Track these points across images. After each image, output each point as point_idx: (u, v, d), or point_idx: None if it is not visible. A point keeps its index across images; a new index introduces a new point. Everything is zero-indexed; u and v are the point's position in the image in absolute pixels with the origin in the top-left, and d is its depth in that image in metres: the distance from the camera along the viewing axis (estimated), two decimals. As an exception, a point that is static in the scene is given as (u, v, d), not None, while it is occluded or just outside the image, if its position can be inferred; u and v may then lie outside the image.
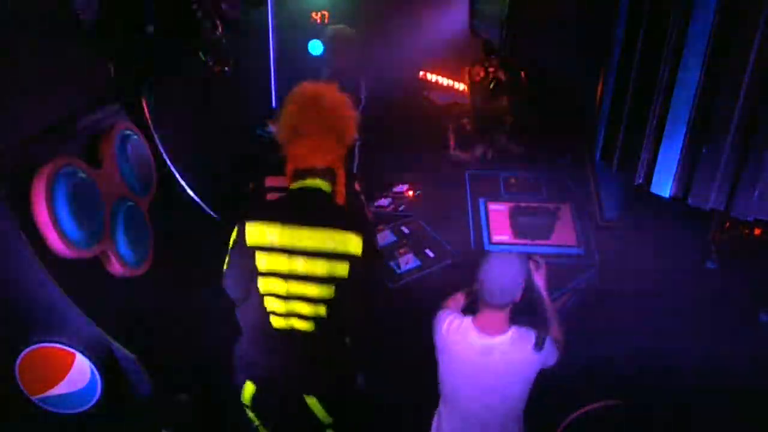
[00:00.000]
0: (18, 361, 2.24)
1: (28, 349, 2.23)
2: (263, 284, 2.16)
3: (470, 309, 2.44)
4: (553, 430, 2.61)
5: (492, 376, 2.31)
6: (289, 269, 2.13)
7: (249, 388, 2.27)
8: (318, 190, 2.21)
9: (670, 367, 2.50)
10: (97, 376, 2.31)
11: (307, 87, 2.34)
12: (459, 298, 2.61)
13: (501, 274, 2.22)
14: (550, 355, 2.29)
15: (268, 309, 2.17)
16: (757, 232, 2.34)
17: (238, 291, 2.27)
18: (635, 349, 2.53)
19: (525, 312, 2.34)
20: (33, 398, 2.31)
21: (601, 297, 3.14)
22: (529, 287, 2.32)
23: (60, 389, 2.31)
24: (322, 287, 2.13)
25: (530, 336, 2.25)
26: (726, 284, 2.37)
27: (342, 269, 2.11)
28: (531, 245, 3.41)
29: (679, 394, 2.41)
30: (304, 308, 2.15)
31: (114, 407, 2.46)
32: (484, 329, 2.29)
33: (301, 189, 2.22)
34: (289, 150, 2.26)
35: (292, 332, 2.18)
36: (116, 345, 2.39)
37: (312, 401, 2.24)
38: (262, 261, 2.14)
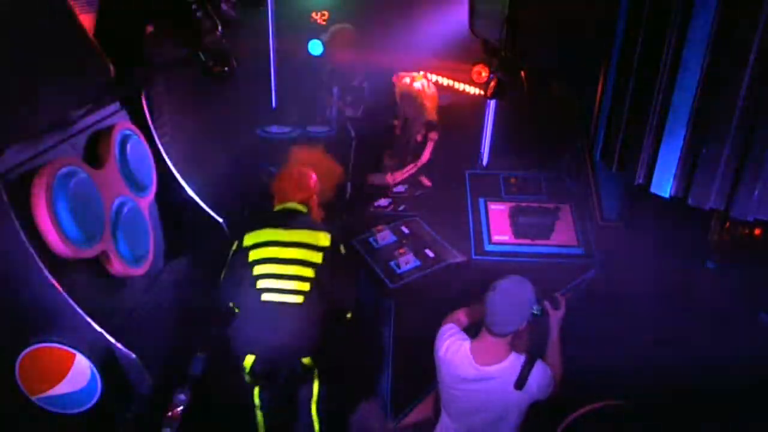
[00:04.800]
0: (18, 361, 2.24)
1: (28, 349, 2.23)
2: (258, 269, 2.77)
3: (473, 328, 2.44)
4: (553, 430, 2.61)
5: (486, 401, 2.33)
6: (279, 255, 2.77)
7: (249, 359, 2.78)
8: (296, 210, 2.94)
9: (670, 367, 2.50)
10: (97, 376, 2.31)
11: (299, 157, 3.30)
12: (462, 317, 2.60)
13: (509, 304, 2.22)
14: (542, 391, 2.31)
15: (260, 287, 2.74)
16: (757, 232, 2.34)
17: (232, 294, 2.84)
18: (635, 348, 2.53)
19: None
20: (33, 398, 2.31)
21: (600, 296, 3.14)
22: (535, 320, 2.31)
23: (60, 389, 2.31)
24: (305, 269, 2.76)
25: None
26: (726, 284, 2.37)
27: (317, 257, 2.78)
28: (531, 245, 3.41)
29: (679, 393, 2.41)
30: (293, 285, 2.73)
31: (114, 407, 2.46)
32: (482, 357, 2.29)
33: (282, 209, 2.96)
34: (275, 187, 3.04)
35: (283, 305, 2.73)
36: (116, 345, 2.39)
37: (307, 360, 2.81)
38: (257, 253, 2.78)
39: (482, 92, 5.17)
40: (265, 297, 2.73)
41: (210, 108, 4.58)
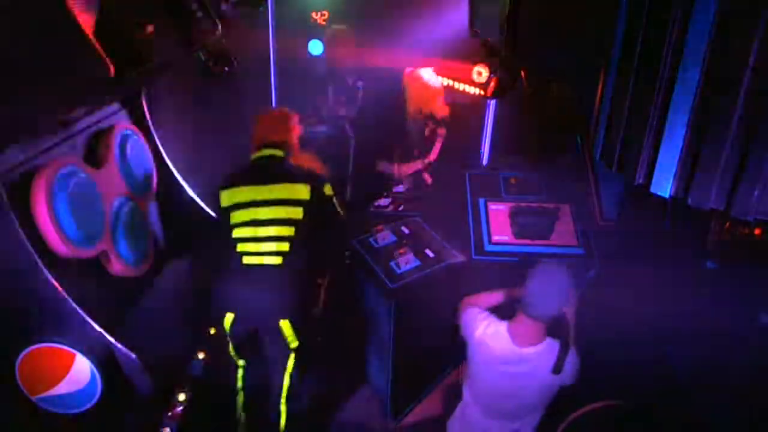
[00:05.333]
0: (18, 361, 2.24)
1: (28, 349, 2.23)
2: (237, 232, 2.74)
3: (505, 311, 2.45)
4: (553, 430, 2.61)
5: (517, 384, 2.35)
6: (257, 217, 2.72)
7: (229, 318, 2.76)
8: (272, 156, 2.84)
9: (670, 367, 2.50)
10: (97, 376, 2.31)
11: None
12: (496, 297, 2.60)
13: (547, 290, 2.24)
14: (572, 376, 2.35)
15: (241, 250, 2.72)
16: (757, 232, 2.34)
17: (217, 255, 2.81)
18: (635, 349, 2.53)
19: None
20: (33, 398, 2.31)
21: (600, 297, 3.13)
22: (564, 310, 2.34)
23: (60, 389, 2.31)
24: (284, 228, 2.71)
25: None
26: (726, 284, 2.37)
27: (297, 213, 2.73)
28: (531, 245, 3.41)
29: (679, 394, 2.41)
30: (272, 246, 2.70)
31: (114, 407, 2.45)
32: (519, 339, 2.31)
33: (258, 158, 2.87)
34: (253, 131, 2.94)
35: (264, 267, 2.71)
36: (116, 345, 2.39)
37: (284, 323, 2.74)
38: (236, 216, 2.75)
39: (482, 92, 5.17)
40: (246, 260, 2.72)
41: (210, 108, 4.57)
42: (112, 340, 2.36)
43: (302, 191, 2.75)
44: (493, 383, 2.44)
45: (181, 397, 2.89)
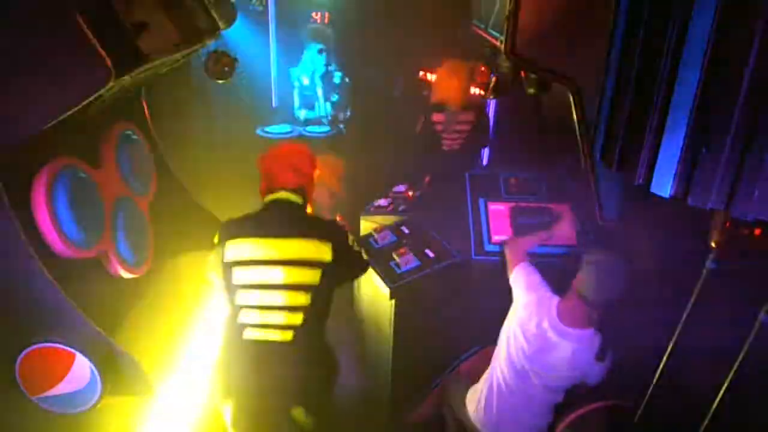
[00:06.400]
0: (18, 361, 2.24)
1: (28, 349, 2.23)
2: (239, 297, 2.27)
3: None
4: (553, 430, 2.61)
5: (548, 361, 2.39)
6: (266, 281, 2.22)
7: (230, 409, 2.32)
8: (288, 201, 2.36)
9: (670, 367, 2.50)
10: (97, 376, 2.31)
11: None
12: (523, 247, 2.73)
13: (605, 279, 2.31)
14: (599, 375, 2.40)
15: (242, 322, 2.26)
16: (757, 232, 2.34)
17: (217, 283, 2.39)
18: (634, 349, 2.54)
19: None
20: (33, 398, 2.31)
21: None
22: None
23: (60, 389, 2.31)
24: (298, 295, 2.22)
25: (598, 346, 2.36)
26: (726, 284, 2.37)
27: (314, 277, 2.23)
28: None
29: (679, 394, 2.41)
30: (281, 318, 2.23)
31: (114, 407, 2.45)
32: (565, 317, 2.37)
33: (273, 201, 2.38)
34: (264, 168, 2.43)
35: (268, 345, 2.24)
36: (116, 345, 2.39)
37: (297, 412, 2.28)
38: (240, 275, 2.27)
39: (482, 92, 5.18)
40: (247, 334, 2.25)
41: (210, 108, 4.58)
42: (112, 340, 2.37)
43: (324, 251, 2.24)
44: (523, 349, 2.46)
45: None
